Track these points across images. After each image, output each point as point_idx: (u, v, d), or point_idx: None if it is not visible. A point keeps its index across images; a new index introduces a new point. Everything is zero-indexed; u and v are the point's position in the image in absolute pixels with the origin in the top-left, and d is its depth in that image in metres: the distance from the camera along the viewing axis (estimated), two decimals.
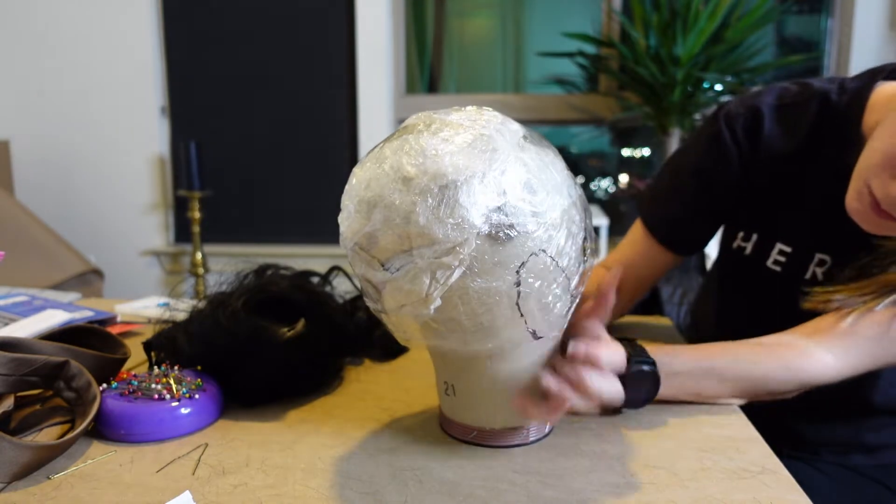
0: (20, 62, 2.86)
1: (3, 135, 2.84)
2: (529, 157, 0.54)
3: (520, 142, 0.55)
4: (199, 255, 2.69)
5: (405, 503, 0.52)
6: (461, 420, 0.63)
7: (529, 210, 0.52)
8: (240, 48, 2.79)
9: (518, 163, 0.52)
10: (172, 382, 0.66)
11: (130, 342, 0.81)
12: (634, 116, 2.55)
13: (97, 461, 0.59)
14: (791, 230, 0.83)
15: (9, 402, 0.63)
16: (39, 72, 2.85)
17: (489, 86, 2.99)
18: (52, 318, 0.95)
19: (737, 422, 0.68)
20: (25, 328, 0.91)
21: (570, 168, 0.60)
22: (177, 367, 0.71)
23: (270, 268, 0.87)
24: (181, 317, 0.79)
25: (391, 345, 0.89)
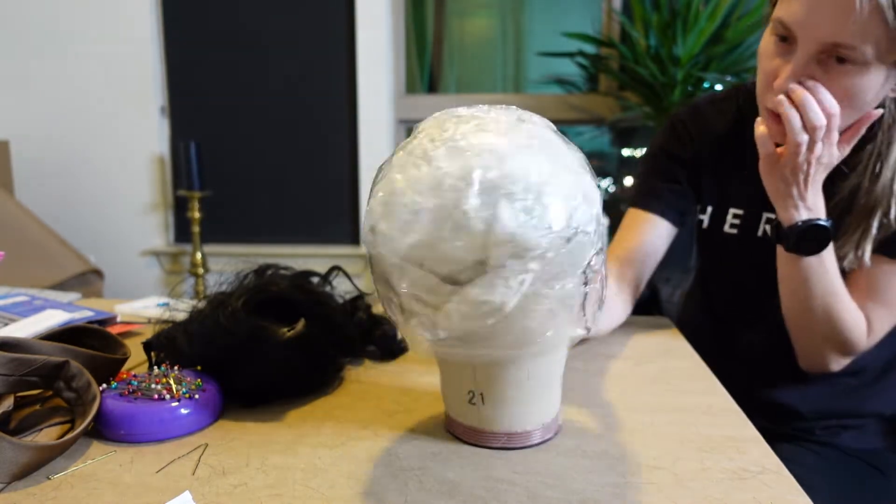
0: (20, 62, 2.86)
1: (3, 135, 2.84)
2: (580, 155, 0.54)
3: (565, 141, 0.55)
4: (199, 255, 2.69)
5: (405, 503, 0.52)
6: (491, 428, 0.61)
7: (589, 209, 0.51)
8: (240, 48, 2.79)
9: (577, 161, 0.52)
10: (172, 382, 0.66)
11: (130, 342, 0.81)
12: (634, 116, 2.54)
13: (97, 461, 0.59)
14: (739, 196, 0.99)
15: (9, 402, 0.63)
16: (39, 72, 2.85)
17: (489, 86, 2.99)
18: (52, 318, 0.95)
19: (737, 422, 0.68)
20: (25, 328, 0.91)
21: None
22: (177, 367, 0.71)
23: (270, 268, 0.87)
24: (181, 317, 0.79)
25: (391, 345, 0.89)
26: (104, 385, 0.67)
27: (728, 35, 2.27)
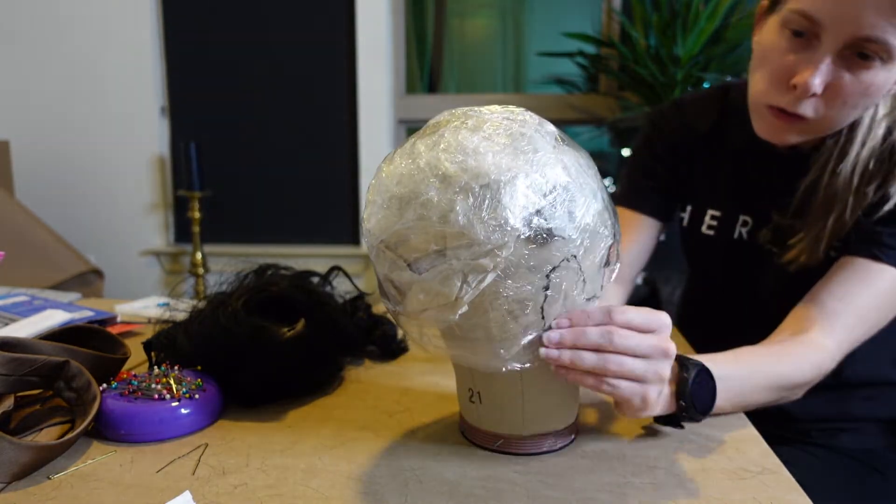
0: (20, 62, 2.86)
1: (3, 135, 2.84)
2: (567, 160, 0.53)
3: (556, 143, 0.53)
4: (199, 255, 2.69)
5: (405, 503, 0.52)
6: (487, 428, 0.61)
7: (567, 214, 0.50)
8: (240, 48, 2.79)
9: (558, 165, 0.51)
10: (172, 382, 0.66)
11: (130, 342, 0.81)
12: (634, 116, 2.54)
13: (97, 461, 0.59)
14: (717, 197, 0.97)
15: (9, 402, 0.63)
16: (39, 72, 2.85)
17: (489, 86, 2.99)
18: (52, 318, 0.95)
19: (737, 422, 0.68)
20: (25, 328, 0.91)
21: None
22: (177, 367, 0.71)
23: (270, 268, 0.87)
24: (181, 317, 0.79)
25: (391, 345, 0.89)
26: (104, 385, 0.67)
27: (728, 35, 2.27)
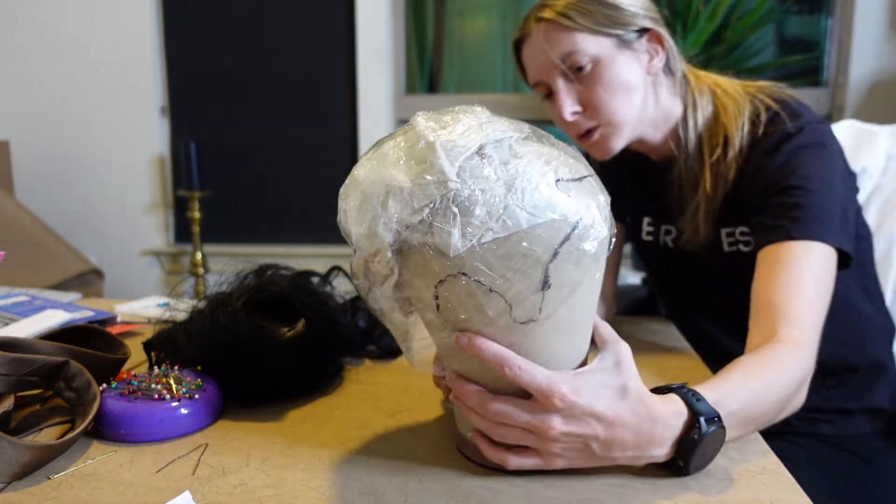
0: (20, 62, 2.85)
1: (3, 135, 2.84)
2: (491, 169, 0.49)
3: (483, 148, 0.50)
4: (199, 255, 2.69)
5: (405, 503, 0.52)
6: (464, 433, 0.60)
7: (456, 231, 0.48)
8: (240, 48, 2.79)
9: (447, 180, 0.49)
10: (172, 382, 0.66)
11: (130, 342, 0.81)
12: None
13: (97, 461, 0.59)
14: (648, 206, 1.05)
15: (9, 402, 0.63)
16: (39, 72, 2.85)
17: (489, 86, 2.98)
18: (52, 318, 0.95)
19: None
20: (25, 328, 0.91)
21: None
22: (177, 367, 0.71)
23: (270, 268, 0.87)
24: (181, 317, 0.79)
25: (391, 345, 0.89)
26: (104, 385, 0.67)
27: (728, 35, 2.27)
